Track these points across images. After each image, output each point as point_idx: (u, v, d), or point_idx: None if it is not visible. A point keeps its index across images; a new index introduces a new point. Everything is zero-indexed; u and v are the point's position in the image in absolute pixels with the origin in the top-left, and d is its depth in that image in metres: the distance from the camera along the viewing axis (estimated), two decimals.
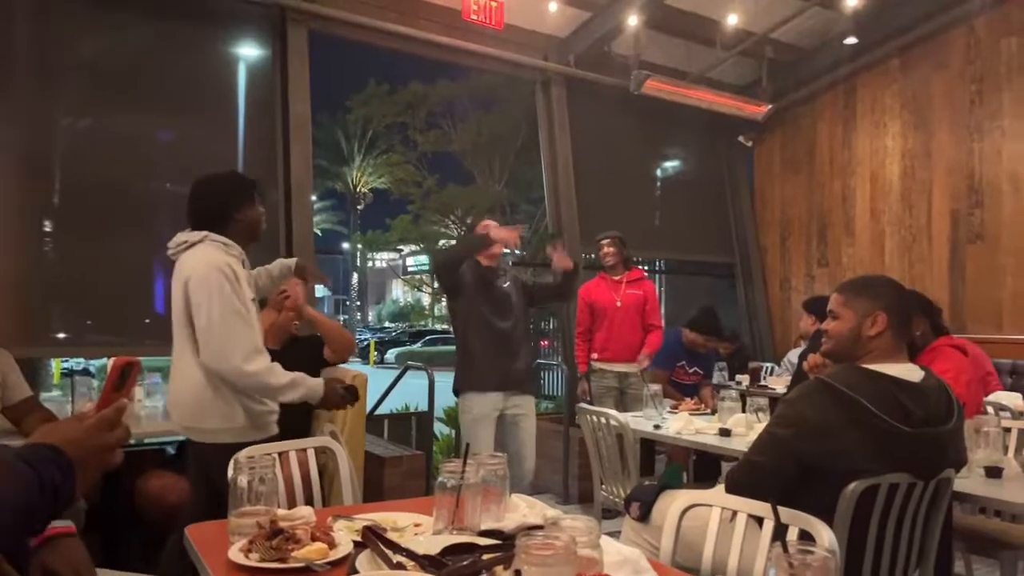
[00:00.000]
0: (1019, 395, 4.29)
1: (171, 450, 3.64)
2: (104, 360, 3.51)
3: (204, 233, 2.49)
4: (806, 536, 1.52)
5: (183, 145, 4.49)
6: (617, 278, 4.73)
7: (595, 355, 4.70)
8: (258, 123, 4.71)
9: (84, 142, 4.24)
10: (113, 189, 4.25)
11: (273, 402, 2.50)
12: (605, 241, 4.80)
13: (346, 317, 36.30)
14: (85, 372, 4.43)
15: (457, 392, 3.62)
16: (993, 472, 2.28)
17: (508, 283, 3.65)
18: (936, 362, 2.83)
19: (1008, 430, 2.88)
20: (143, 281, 4.37)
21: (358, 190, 32.25)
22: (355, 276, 37.68)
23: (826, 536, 1.50)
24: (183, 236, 2.53)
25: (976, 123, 5.63)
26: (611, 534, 1.61)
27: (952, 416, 1.96)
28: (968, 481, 2.22)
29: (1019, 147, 5.39)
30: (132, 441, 3.93)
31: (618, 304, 4.62)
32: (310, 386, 2.47)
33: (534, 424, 3.66)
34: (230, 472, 1.58)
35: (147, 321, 4.41)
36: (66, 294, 4.12)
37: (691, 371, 4.92)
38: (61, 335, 4.14)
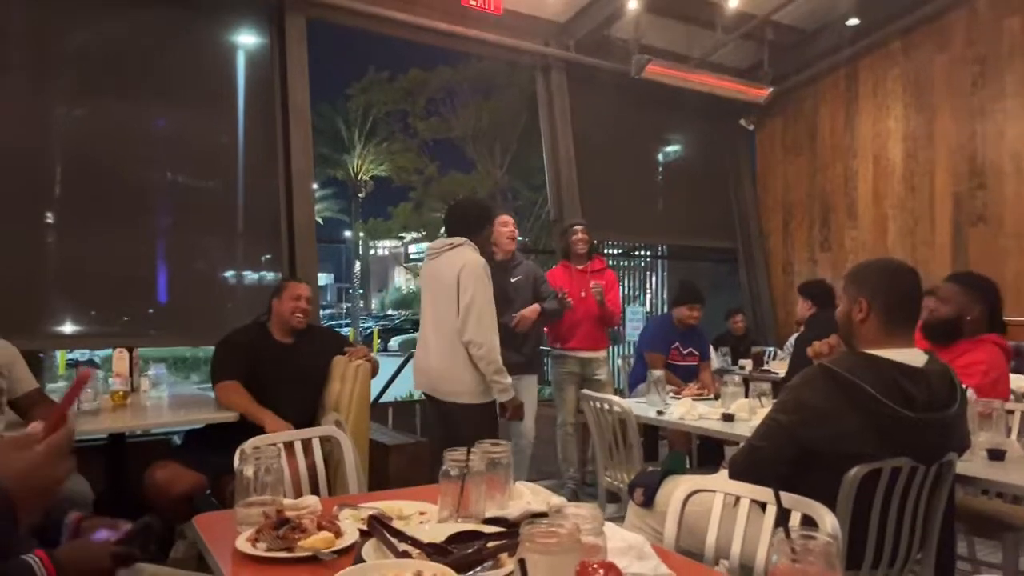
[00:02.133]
0: (1022, 377, 4.30)
1: (177, 440, 3.66)
2: (109, 351, 3.52)
3: (464, 239, 3.21)
4: (809, 521, 1.53)
5: (182, 134, 4.49)
6: (581, 267, 4.71)
7: (559, 344, 4.69)
8: (258, 112, 4.70)
9: (83, 131, 4.23)
10: (113, 179, 4.25)
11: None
12: (579, 227, 4.77)
13: (349, 305, 36.32)
14: (90, 363, 4.44)
15: None
16: (996, 454, 2.29)
17: (519, 277, 3.94)
18: (974, 352, 2.79)
19: (1011, 412, 2.89)
20: (145, 271, 4.38)
21: (359, 178, 32.17)
22: (357, 264, 37.68)
23: (828, 521, 1.51)
24: (447, 240, 3.26)
25: (978, 105, 5.60)
26: (614, 519, 1.62)
27: (955, 401, 1.97)
28: (971, 463, 2.23)
29: (1021, 128, 5.36)
30: (139, 432, 3.95)
31: (583, 295, 4.60)
32: (509, 383, 3.17)
33: (534, 395, 4.08)
34: (236, 463, 1.59)
35: (150, 311, 4.42)
36: (68, 285, 4.13)
37: (686, 352, 4.92)
38: (64, 326, 4.15)
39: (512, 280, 3.93)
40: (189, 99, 4.51)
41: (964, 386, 2.06)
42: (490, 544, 1.27)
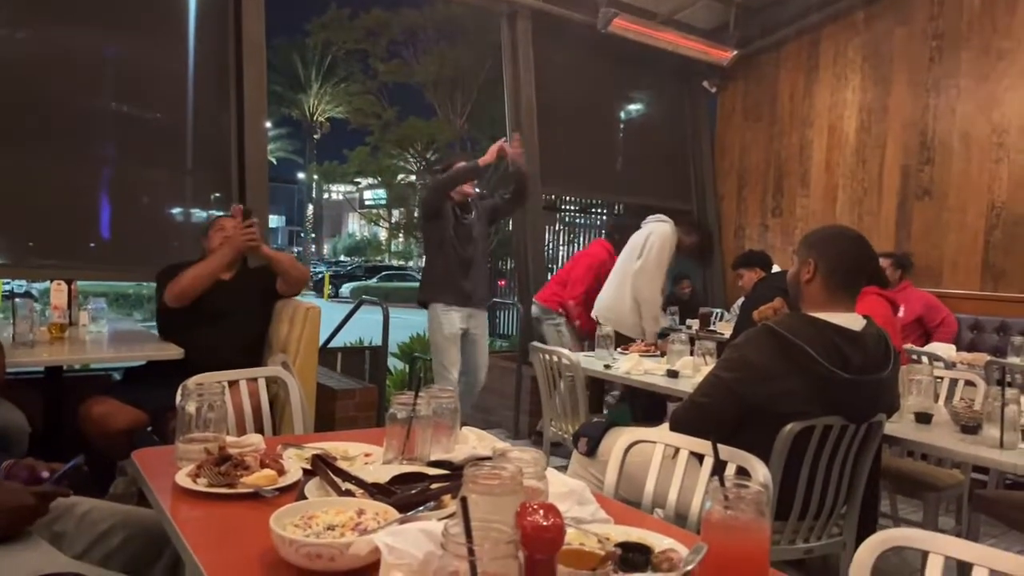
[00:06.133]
0: (953, 347, 4.50)
1: (117, 376, 3.58)
2: (47, 283, 3.41)
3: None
4: (743, 472, 1.59)
5: (130, 61, 4.28)
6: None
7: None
8: (209, 42, 4.50)
9: (24, 54, 4.01)
10: (56, 105, 4.05)
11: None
12: None
13: (300, 249, 35.78)
14: (27, 295, 4.29)
15: (424, 303, 4.22)
16: (923, 418, 2.39)
17: (473, 213, 4.24)
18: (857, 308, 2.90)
19: (940, 379, 3.02)
20: (88, 203, 4.22)
21: (315, 119, 31.35)
22: (310, 207, 37.00)
23: (761, 472, 1.57)
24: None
25: (933, 80, 5.70)
26: (559, 468, 1.65)
27: (888, 364, 2.05)
28: (899, 425, 2.33)
29: (972, 106, 5.49)
30: (77, 366, 3.85)
31: None
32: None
33: (487, 340, 4.43)
34: (178, 399, 1.57)
35: (92, 245, 4.27)
36: (5, 214, 3.96)
37: None
38: (1, 257, 3.99)
39: (471, 217, 4.25)
40: (136, 24, 4.29)
41: (897, 350, 2.14)
42: (433, 485, 1.28)
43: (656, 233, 4.30)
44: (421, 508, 1.18)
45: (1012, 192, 5.30)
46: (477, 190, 4.35)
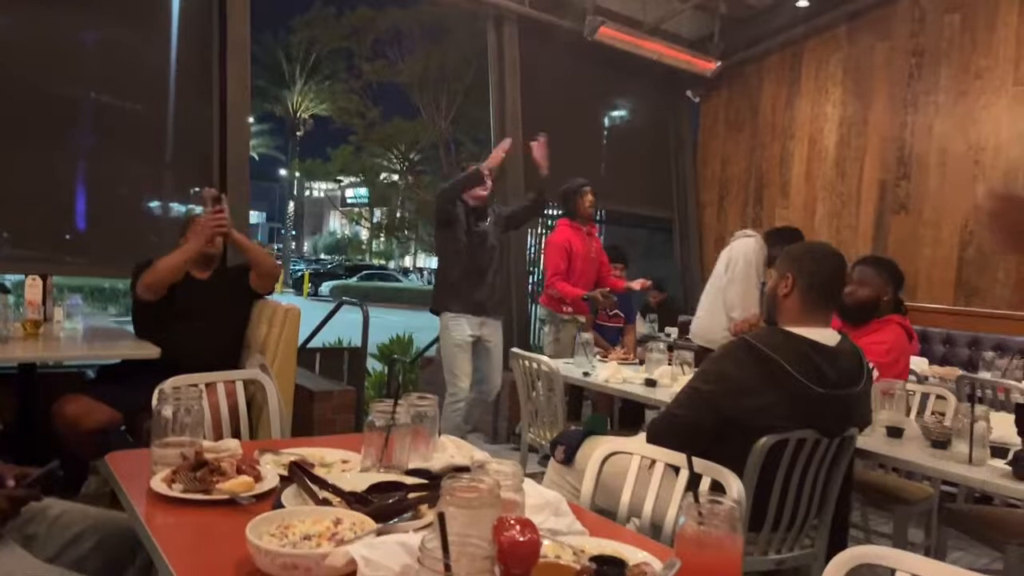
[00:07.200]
0: (925, 360, 4.57)
1: (91, 373, 3.54)
2: (21, 276, 3.36)
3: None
4: (717, 485, 1.60)
5: (111, 52, 4.23)
6: (586, 228, 4.75)
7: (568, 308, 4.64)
8: (193, 35, 4.46)
9: (2, 39, 3.95)
10: (33, 93, 3.99)
11: None
12: (589, 187, 4.77)
13: (280, 246, 35.52)
14: (0, 287, 4.23)
15: (436, 312, 4.13)
16: (894, 432, 2.43)
17: (489, 220, 4.21)
18: (880, 332, 2.93)
19: (912, 393, 3.06)
20: (64, 195, 4.16)
21: (298, 116, 31.13)
22: (291, 204, 36.75)
23: (735, 487, 1.58)
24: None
25: (912, 96, 5.79)
26: (534, 475, 1.66)
27: (861, 379, 2.08)
28: (871, 439, 2.36)
29: (949, 123, 5.58)
30: (51, 363, 3.80)
31: (592, 255, 4.68)
32: None
33: (501, 348, 4.21)
34: (154, 402, 1.55)
35: (67, 237, 4.22)
36: None
37: (612, 314, 5.04)
38: None
39: (485, 226, 4.20)
40: (119, 14, 4.24)
41: (870, 365, 2.17)
42: (411, 495, 1.28)
43: (737, 249, 4.17)
44: (397, 519, 1.18)
45: None
46: (486, 193, 4.16)
